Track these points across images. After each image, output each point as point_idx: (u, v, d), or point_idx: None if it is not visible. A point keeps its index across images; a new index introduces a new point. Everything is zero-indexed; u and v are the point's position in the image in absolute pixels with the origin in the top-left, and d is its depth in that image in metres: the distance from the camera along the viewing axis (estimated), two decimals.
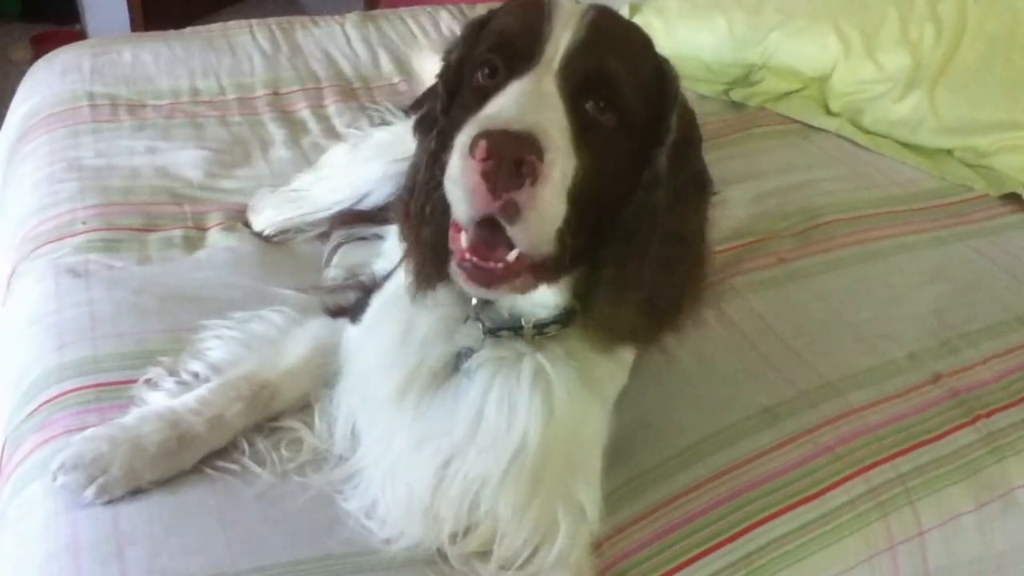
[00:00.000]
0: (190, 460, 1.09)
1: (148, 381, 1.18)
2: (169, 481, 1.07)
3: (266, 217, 1.51)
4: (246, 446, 1.11)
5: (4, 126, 1.94)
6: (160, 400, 1.14)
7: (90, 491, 1.04)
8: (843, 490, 1.13)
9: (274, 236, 1.51)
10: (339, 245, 1.43)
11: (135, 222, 1.50)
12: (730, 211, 1.62)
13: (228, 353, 1.20)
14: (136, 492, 1.05)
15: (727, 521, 1.09)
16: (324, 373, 1.16)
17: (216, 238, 1.49)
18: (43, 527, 1.04)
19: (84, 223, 1.48)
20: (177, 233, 1.49)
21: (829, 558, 1.08)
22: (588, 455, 1.04)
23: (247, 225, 1.53)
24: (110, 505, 1.04)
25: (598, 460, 1.06)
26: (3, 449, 1.19)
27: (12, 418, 1.20)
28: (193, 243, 1.48)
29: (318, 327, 1.20)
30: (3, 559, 1.06)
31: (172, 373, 1.18)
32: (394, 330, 1.08)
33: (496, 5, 1.03)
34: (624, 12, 2.22)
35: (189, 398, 1.13)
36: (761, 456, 1.16)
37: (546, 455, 1.00)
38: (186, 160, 1.67)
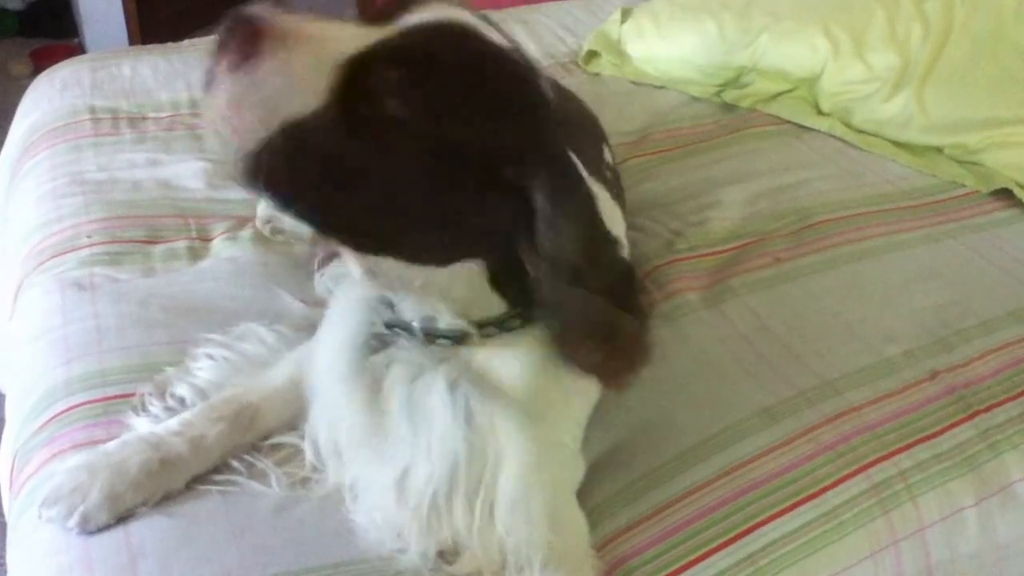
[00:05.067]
0: (175, 482, 1.08)
1: (137, 397, 1.18)
2: (178, 495, 1.08)
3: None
4: (243, 467, 1.11)
5: (6, 142, 1.94)
6: (144, 426, 1.14)
7: (72, 521, 1.03)
8: (844, 488, 1.14)
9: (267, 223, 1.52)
10: (327, 258, 1.42)
11: (139, 234, 1.50)
12: (724, 212, 1.63)
13: (216, 376, 1.20)
14: (126, 517, 1.05)
15: (730, 522, 1.10)
16: (307, 393, 1.16)
17: (219, 248, 1.50)
18: (54, 541, 1.04)
19: (89, 237, 1.48)
20: (181, 244, 1.50)
21: (833, 555, 1.10)
22: (514, 468, 1.01)
23: None
24: (121, 519, 1.05)
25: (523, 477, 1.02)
26: (13, 464, 1.20)
27: (21, 432, 1.21)
28: (197, 254, 1.49)
29: (304, 350, 1.20)
30: (15, 573, 1.07)
31: (160, 396, 1.18)
32: (330, 329, 1.09)
33: (489, 11, 1.03)
34: (616, 16, 2.24)
35: (172, 422, 1.13)
36: (762, 456, 1.17)
37: (479, 468, 1.00)
38: (187, 172, 1.67)
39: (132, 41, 3.59)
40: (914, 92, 1.87)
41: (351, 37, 0.82)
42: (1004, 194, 1.73)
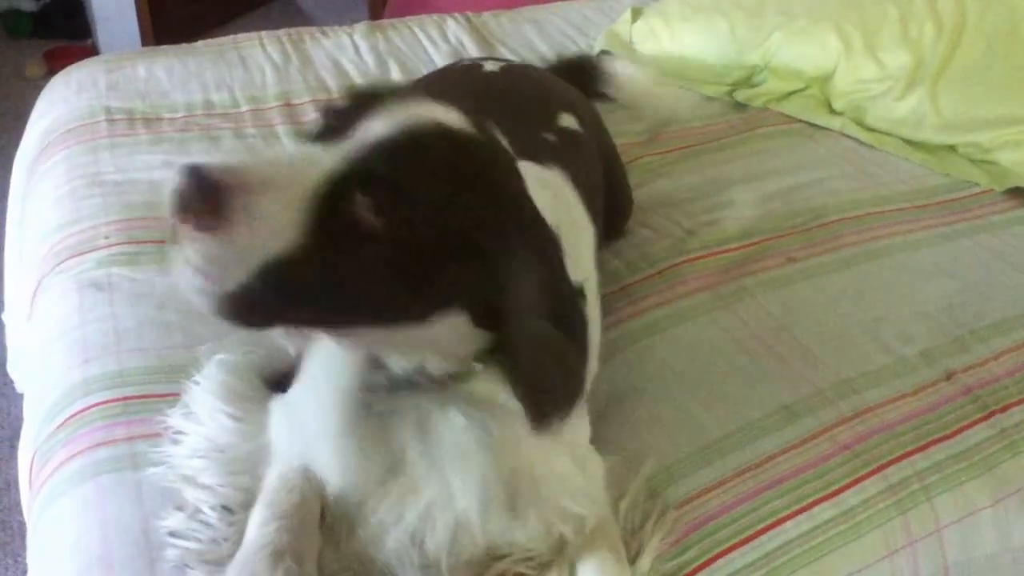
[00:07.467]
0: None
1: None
2: None
3: None
4: None
5: (22, 144, 1.94)
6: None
7: None
8: (861, 488, 1.15)
9: None
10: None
11: (157, 235, 1.49)
12: (737, 211, 1.64)
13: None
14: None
15: (747, 520, 1.10)
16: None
17: None
18: (74, 541, 1.05)
19: (107, 238, 1.48)
20: None
21: (849, 556, 1.10)
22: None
23: None
24: (140, 518, 1.05)
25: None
26: (32, 463, 1.21)
27: (40, 432, 1.22)
28: None
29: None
30: (35, 573, 1.07)
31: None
32: (314, 388, 1.06)
33: (500, 11, 1.02)
34: (626, 16, 2.24)
35: None
36: (781, 454, 1.17)
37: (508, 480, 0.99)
38: None
39: (145, 42, 3.59)
40: (927, 91, 1.87)
41: (313, 168, 0.80)
42: (1017, 192, 1.73)
